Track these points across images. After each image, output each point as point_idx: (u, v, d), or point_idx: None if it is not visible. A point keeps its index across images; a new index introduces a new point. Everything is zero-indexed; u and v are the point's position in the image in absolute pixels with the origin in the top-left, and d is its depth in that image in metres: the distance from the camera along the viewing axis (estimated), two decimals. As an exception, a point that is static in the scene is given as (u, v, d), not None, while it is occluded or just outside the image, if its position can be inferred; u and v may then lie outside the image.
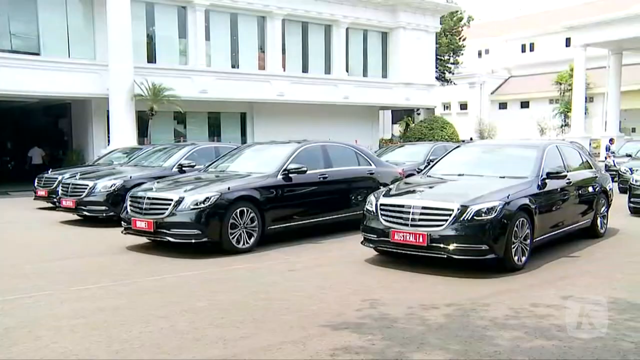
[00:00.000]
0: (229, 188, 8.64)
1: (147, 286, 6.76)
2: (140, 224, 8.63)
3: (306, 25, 27.39)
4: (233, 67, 25.53)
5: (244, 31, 25.60)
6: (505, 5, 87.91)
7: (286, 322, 5.32)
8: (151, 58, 23.40)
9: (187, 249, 8.56)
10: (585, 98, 36.60)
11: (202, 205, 8.29)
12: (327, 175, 10.06)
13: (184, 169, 12.11)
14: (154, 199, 8.74)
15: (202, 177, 9.82)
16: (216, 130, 26.55)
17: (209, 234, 8.31)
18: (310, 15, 26.82)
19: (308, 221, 9.75)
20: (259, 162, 10.16)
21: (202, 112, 25.87)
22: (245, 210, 8.63)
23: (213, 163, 10.87)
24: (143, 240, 9.29)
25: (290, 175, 9.38)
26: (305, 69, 27.52)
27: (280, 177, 9.31)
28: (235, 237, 8.49)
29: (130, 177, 11.83)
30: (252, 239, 8.71)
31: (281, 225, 9.27)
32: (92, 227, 11.48)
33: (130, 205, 9.04)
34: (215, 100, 24.52)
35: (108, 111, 21.60)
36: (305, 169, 9.49)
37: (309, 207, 9.81)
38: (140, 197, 8.89)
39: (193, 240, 8.32)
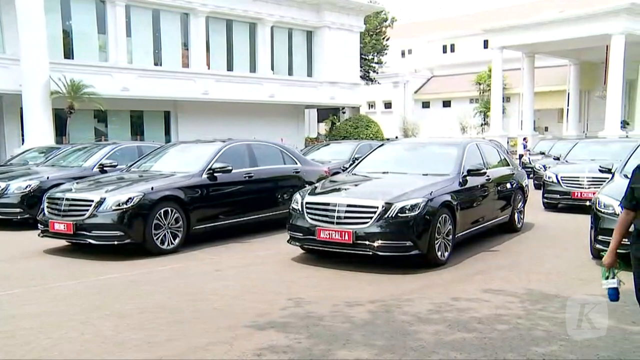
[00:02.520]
0: (152, 188, 8.45)
1: (67, 291, 6.51)
2: (59, 226, 8.31)
3: (231, 23, 27.15)
4: (156, 64, 25.01)
5: (167, 28, 25.11)
6: (426, 7, 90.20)
7: (212, 323, 5.26)
8: (68, 54, 22.57)
9: (109, 251, 8.31)
10: (503, 98, 38.05)
11: (125, 206, 8.08)
12: (252, 174, 10.01)
13: (105, 169, 11.73)
14: (73, 200, 8.44)
15: (124, 177, 9.55)
16: (139, 129, 25.94)
17: (132, 235, 8.10)
18: (235, 13, 26.61)
19: (234, 220, 9.67)
20: (183, 162, 9.98)
21: (124, 110, 25.20)
22: (170, 211, 8.47)
23: (136, 163, 10.60)
24: (62, 243, 8.96)
25: (215, 174, 9.28)
26: (230, 67, 27.28)
27: (205, 176, 9.19)
28: (160, 238, 8.32)
29: (48, 178, 11.35)
30: (177, 240, 8.56)
31: (207, 225, 9.15)
32: (5, 230, 10.93)
33: (47, 207, 8.69)
34: (137, 99, 23.93)
35: (22, 108, 20.61)
36: (230, 168, 9.40)
37: (235, 206, 9.74)
38: (59, 199, 8.57)
39: (115, 242, 8.09)
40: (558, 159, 16.25)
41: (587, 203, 10.10)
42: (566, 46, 34.10)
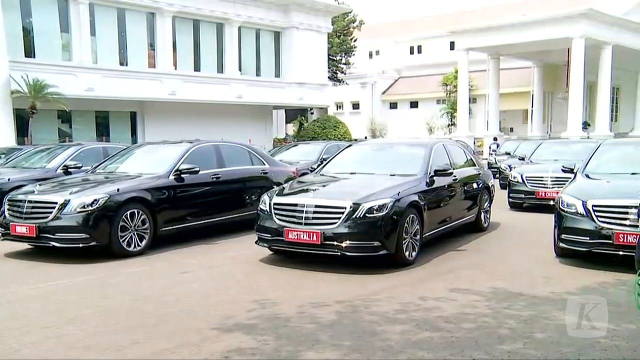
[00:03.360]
0: (118, 190, 8.33)
1: (29, 295, 6.37)
2: (21, 229, 8.11)
3: (197, 23, 26.95)
4: (121, 64, 24.67)
5: (133, 28, 24.79)
6: (393, 8, 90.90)
7: (180, 325, 5.21)
8: (29, 52, 22.08)
9: (73, 254, 8.14)
10: (469, 99, 38.53)
11: (90, 208, 7.94)
12: (220, 175, 9.94)
13: (69, 170, 11.53)
14: (36, 202, 8.25)
15: (89, 178, 9.40)
16: (104, 130, 25.54)
17: (98, 238, 7.97)
18: (202, 13, 26.41)
19: (202, 222, 9.59)
20: (150, 163, 9.87)
21: (89, 110, 24.80)
22: (136, 212, 8.36)
23: (101, 164, 10.44)
24: (24, 246, 8.76)
25: (182, 175, 9.19)
26: (197, 67, 27.07)
27: (172, 177, 9.10)
28: (126, 240, 8.20)
29: (9, 180, 11.08)
30: (144, 242, 8.45)
31: (174, 227, 9.06)
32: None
33: (8, 210, 8.48)
34: (102, 99, 23.58)
35: (-20, 108, 20.12)
36: (197, 169, 9.33)
37: (203, 207, 9.66)
38: (20, 201, 8.36)
39: (80, 245, 7.94)
40: (523, 159, 16.49)
41: (551, 202, 10.29)
42: (529, 48, 34.73)
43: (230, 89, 27.51)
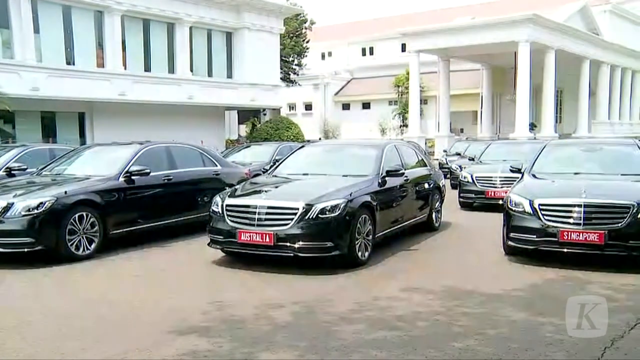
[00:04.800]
0: (65, 192, 8.12)
1: (-29, 302, 6.16)
2: (-40, 235, 7.81)
3: (148, 23, 26.45)
4: (68, 63, 23.97)
5: (80, 26, 24.11)
6: (346, 10, 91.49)
7: (131, 329, 5.12)
8: (-35, 49, 21.26)
9: (18, 259, 7.89)
10: (420, 100, 39.03)
11: (36, 211, 7.71)
12: (171, 177, 9.81)
13: (13, 172, 11.15)
14: (-24, 206, 7.95)
15: (35, 181, 9.13)
16: (51, 131, 24.76)
17: (44, 242, 7.75)
18: (152, 13, 25.94)
19: (153, 224, 9.44)
20: (99, 165, 9.66)
21: (34, 111, 23.98)
22: (85, 215, 8.16)
23: (48, 166, 10.15)
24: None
25: (132, 177, 9.03)
26: (147, 67, 26.57)
27: (122, 179, 8.93)
28: (74, 244, 8.00)
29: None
30: (93, 245, 8.26)
31: (125, 230, 8.90)
32: None
33: (-54, 214, 8.14)
34: (48, 99, 22.87)
35: None
36: (148, 170, 9.18)
37: (154, 209, 9.52)
38: (-40, 205, 8.05)
39: (25, 249, 7.70)
40: (473, 159, 16.78)
41: (500, 202, 10.53)
42: (478, 51, 35.47)
43: (181, 90, 27.12)
